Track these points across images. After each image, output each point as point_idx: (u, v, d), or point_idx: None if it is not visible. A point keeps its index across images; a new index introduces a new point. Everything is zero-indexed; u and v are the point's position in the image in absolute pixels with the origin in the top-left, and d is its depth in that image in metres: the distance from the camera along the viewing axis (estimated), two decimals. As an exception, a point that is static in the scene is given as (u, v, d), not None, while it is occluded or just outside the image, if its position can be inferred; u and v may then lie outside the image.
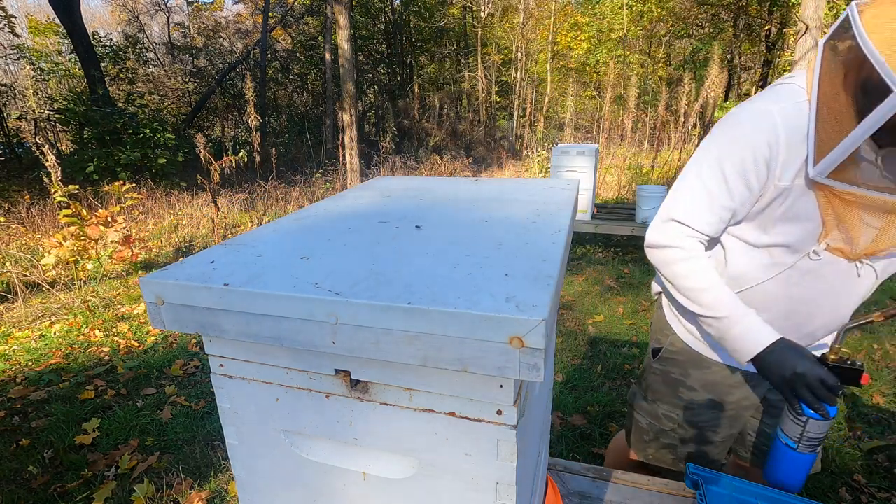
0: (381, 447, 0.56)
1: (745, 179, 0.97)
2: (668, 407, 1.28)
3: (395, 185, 0.99)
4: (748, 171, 0.96)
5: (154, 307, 0.54)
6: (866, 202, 0.90)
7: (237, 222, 6.58)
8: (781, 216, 0.98)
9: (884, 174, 0.88)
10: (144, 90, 13.27)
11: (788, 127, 0.91)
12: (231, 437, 0.64)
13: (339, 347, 0.48)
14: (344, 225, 0.71)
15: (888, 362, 2.79)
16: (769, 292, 1.05)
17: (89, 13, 27.51)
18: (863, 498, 1.84)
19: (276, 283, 0.50)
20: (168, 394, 2.67)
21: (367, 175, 9.43)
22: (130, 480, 2.04)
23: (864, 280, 1.02)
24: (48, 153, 4.04)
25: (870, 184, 0.88)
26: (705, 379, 1.21)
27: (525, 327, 0.41)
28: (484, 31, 17.37)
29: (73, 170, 7.61)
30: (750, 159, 0.95)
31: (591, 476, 1.18)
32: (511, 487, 0.51)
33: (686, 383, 1.24)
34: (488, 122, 17.60)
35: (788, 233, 0.98)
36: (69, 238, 4.10)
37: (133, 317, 3.73)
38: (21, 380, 2.84)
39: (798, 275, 1.02)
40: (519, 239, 0.61)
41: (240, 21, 17.55)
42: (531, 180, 0.99)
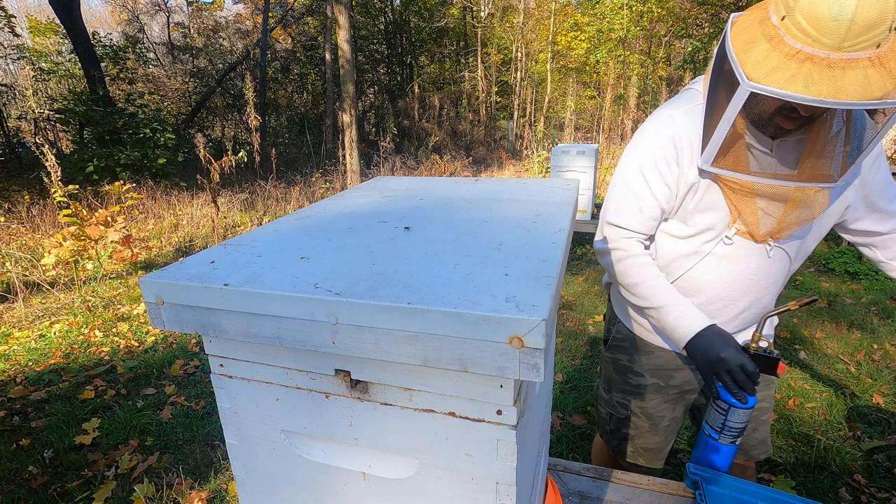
0: (381, 447, 0.56)
1: (662, 177, 1.08)
2: (620, 395, 1.36)
3: (395, 185, 0.99)
4: (662, 170, 1.07)
5: (154, 307, 0.54)
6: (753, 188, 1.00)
7: (237, 222, 6.58)
8: (695, 208, 1.09)
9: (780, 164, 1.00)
10: (144, 90, 13.28)
11: (688, 127, 1.04)
12: (231, 437, 0.64)
13: (339, 347, 0.48)
14: (344, 225, 0.71)
15: (888, 362, 2.79)
16: (695, 278, 1.15)
17: (89, 13, 27.54)
18: (863, 498, 1.84)
19: (276, 283, 0.50)
20: (168, 394, 2.67)
21: (367, 175, 9.44)
22: (130, 480, 2.04)
23: (776, 262, 1.11)
24: (48, 153, 4.04)
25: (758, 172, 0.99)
26: (650, 363, 1.30)
27: (525, 327, 0.41)
28: (484, 31, 17.36)
29: (73, 170, 7.61)
30: (661, 159, 1.07)
31: (591, 476, 1.18)
32: (511, 487, 0.51)
33: (633, 369, 1.33)
34: (488, 122, 17.60)
35: (703, 222, 1.09)
36: (69, 238, 4.10)
37: (133, 317, 3.73)
38: (21, 380, 2.84)
39: (716, 260, 1.11)
40: (519, 239, 0.61)
41: (240, 21, 17.55)
42: (531, 180, 0.99)
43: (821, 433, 2.21)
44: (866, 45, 0.80)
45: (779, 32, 0.85)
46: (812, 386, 2.59)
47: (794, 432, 2.23)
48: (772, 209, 1.03)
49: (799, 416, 2.34)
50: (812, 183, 0.98)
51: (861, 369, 2.73)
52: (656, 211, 1.11)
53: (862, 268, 4.18)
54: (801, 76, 0.82)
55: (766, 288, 1.13)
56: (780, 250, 1.09)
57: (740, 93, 0.87)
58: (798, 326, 3.27)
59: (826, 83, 0.81)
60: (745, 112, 0.98)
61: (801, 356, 2.90)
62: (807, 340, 3.09)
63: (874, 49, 0.80)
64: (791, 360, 2.86)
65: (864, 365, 2.77)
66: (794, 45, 0.83)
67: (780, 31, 0.85)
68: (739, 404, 1.00)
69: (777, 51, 0.84)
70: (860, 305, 3.58)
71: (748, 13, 0.94)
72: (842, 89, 0.81)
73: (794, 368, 2.77)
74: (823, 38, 0.80)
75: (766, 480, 1.95)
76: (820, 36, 0.80)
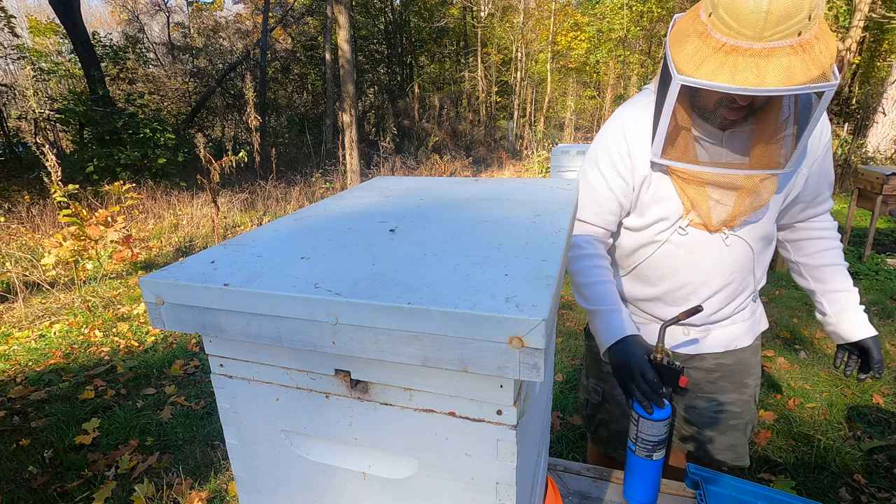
0: (381, 447, 0.56)
1: (617, 171, 1.13)
2: (594, 380, 1.41)
3: (395, 185, 0.99)
4: (616, 164, 1.13)
5: (154, 307, 0.54)
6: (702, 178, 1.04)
7: (237, 222, 6.58)
8: (650, 200, 1.13)
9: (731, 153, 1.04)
10: (144, 90, 13.27)
11: (640, 122, 1.10)
12: (231, 437, 0.64)
13: (339, 347, 0.48)
14: (344, 225, 0.71)
15: (888, 362, 2.79)
16: (656, 267, 1.19)
17: (89, 13, 27.52)
18: (863, 498, 1.84)
19: (276, 283, 0.50)
20: (168, 394, 2.67)
21: (367, 175, 9.44)
22: (130, 480, 2.04)
23: (734, 250, 1.13)
24: (48, 153, 4.04)
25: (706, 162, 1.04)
26: None
27: (525, 327, 0.41)
28: (484, 31, 17.36)
29: (73, 170, 7.61)
30: (615, 153, 1.13)
31: (591, 476, 1.18)
32: (511, 487, 0.51)
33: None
34: (488, 122, 17.60)
35: (658, 213, 1.13)
36: (69, 238, 4.10)
37: (133, 317, 3.73)
38: (21, 380, 2.84)
39: (673, 248, 1.15)
40: (519, 239, 0.61)
41: (240, 21, 17.55)
42: (531, 180, 0.99)
43: (821, 433, 2.21)
44: (787, 34, 0.83)
45: (706, 28, 0.90)
46: (812, 386, 2.59)
47: (794, 432, 2.23)
48: (723, 198, 1.06)
49: (799, 416, 2.34)
50: (759, 170, 1.01)
51: (861, 369, 2.73)
52: (614, 205, 1.16)
53: (862, 268, 4.19)
54: (726, 67, 0.87)
55: (731, 274, 1.15)
56: (737, 238, 1.12)
57: (673, 86, 0.92)
58: (798, 326, 3.27)
59: (750, 72, 0.85)
60: (691, 105, 1.03)
61: (801, 356, 2.90)
62: (807, 340, 3.09)
63: (795, 37, 0.83)
64: (791, 360, 2.86)
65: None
66: (720, 38, 0.88)
67: (707, 26, 0.90)
68: (646, 415, 0.98)
69: (705, 45, 0.89)
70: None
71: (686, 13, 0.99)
72: (765, 77, 0.84)
73: (795, 368, 2.77)
74: (744, 29, 0.84)
75: (766, 480, 1.95)
76: (741, 28, 0.84)
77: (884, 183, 4.19)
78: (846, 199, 6.71)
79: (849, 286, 1.18)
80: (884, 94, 8.92)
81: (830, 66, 0.85)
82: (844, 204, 6.56)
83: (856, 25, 11.23)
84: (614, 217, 1.18)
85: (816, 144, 1.08)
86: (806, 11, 0.81)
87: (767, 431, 2.21)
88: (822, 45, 0.85)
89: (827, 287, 1.20)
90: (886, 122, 8.78)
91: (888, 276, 4.05)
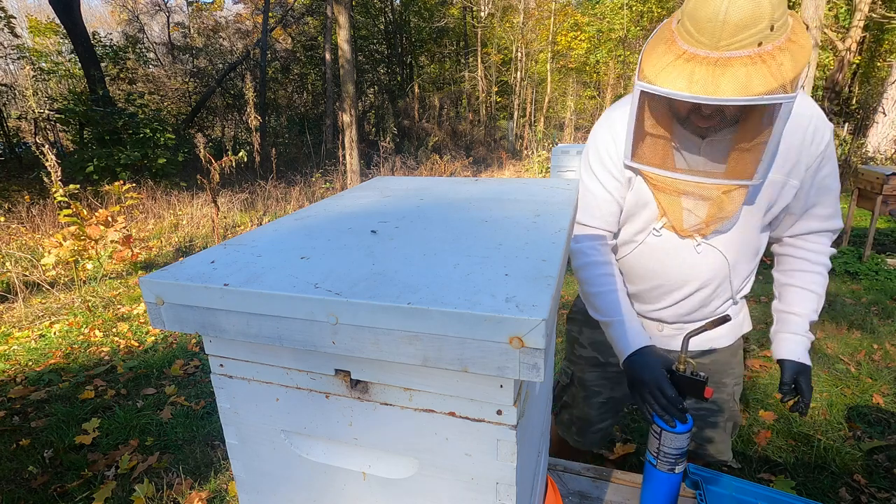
0: (381, 447, 0.56)
1: (610, 172, 1.14)
2: (566, 363, 1.46)
3: (395, 185, 0.99)
4: (608, 165, 1.14)
5: (154, 307, 0.54)
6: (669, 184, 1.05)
7: (237, 222, 6.58)
8: (632, 201, 1.15)
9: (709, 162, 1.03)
10: (144, 90, 13.27)
11: (624, 125, 1.10)
12: (231, 437, 0.64)
13: (339, 347, 0.48)
14: (344, 225, 0.71)
15: (888, 362, 2.79)
16: (633, 265, 1.21)
17: (89, 13, 27.51)
18: (863, 498, 1.84)
19: (276, 283, 0.50)
20: (168, 394, 2.67)
21: (367, 175, 9.44)
22: (130, 480, 2.04)
23: (706, 259, 1.12)
24: (48, 153, 4.04)
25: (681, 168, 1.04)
26: (594, 338, 1.36)
27: (525, 327, 0.41)
28: (484, 31, 17.35)
29: (74, 170, 7.61)
30: (605, 154, 1.13)
31: (591, 476, 1.18)
32: (511, 487, 0.51)
33: (580, 340, 1.41)
34: (488, 122, 17.59)
35: (638, 214, 1.15)
36: (69, 238, 4.10)
37: (133, 317, 3.73)
38: (21, 380, 2.84)
39: (649, 250, 1.16)
40: (519, 239, 0.61)
41: (240, 21, 17.54)
42: (531, 180, 0.99)
43: (821, 433, 2.21)
44: (745, 44, 0.83)
45: (673, 35, 0.91)
46: (812, 386, 2.59)
47: (794, 432, 2.23)
48: (693, 206, 1.06)
49: (799, 416, 2.34)
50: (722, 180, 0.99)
51: (861, 369, 2.73)
52: (612, 205, 1.17)
53: (862, 268, 4.18)
54: (684, 74, 0.87)
55: (705, 281, 1.14)
56: (709, 246, 1.10)
57: (635, 91, 0.95)
58: (798, 326, 3.27)
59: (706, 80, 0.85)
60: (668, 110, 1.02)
61: (801, 356, 2.90)
62: (807, 340, 3.09)
63: (755, 47, 0.83)
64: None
65: (864, 365, 2.77)
66: (682, 46, 0.89)
67: (674, 34, 0.91)
68: (669, 428, 0.97)
69: (670, 52, 0.91)
70: (860, 305, 3.58)
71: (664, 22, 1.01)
72: (721, 86, 0.84)
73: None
74: (703, 38, 0.85)
75: (766, 480, 1.95)
76: (700, 36, 0.85)
77: (884, 183, 4.19)
78: (846, 199, 6.72)
79: (803, 311, 1.15)
80: (884, 94, 8.92)
81: (792, 80, 0.83)
82: (844, 204, 6.56)
83: (856, 25, 11.23)
84: (615, 218, 1.18)
85: (807, 154, 1.03)
86: (766, 22, 0.81)
87: (767, 431, 2.21)
88: (786, 56, 0.84)
89: (782, 306, 1.18)
90: (886, 122, 8.78)
91: (888, 276, 4.04)
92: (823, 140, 1.03)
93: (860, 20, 11.08)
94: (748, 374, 2.71)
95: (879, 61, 15.74)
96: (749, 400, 2.47)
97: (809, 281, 1.16)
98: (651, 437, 1.01)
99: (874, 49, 15.77)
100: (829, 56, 13.11)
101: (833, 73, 12.37)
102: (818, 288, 1.16)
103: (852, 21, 11.40)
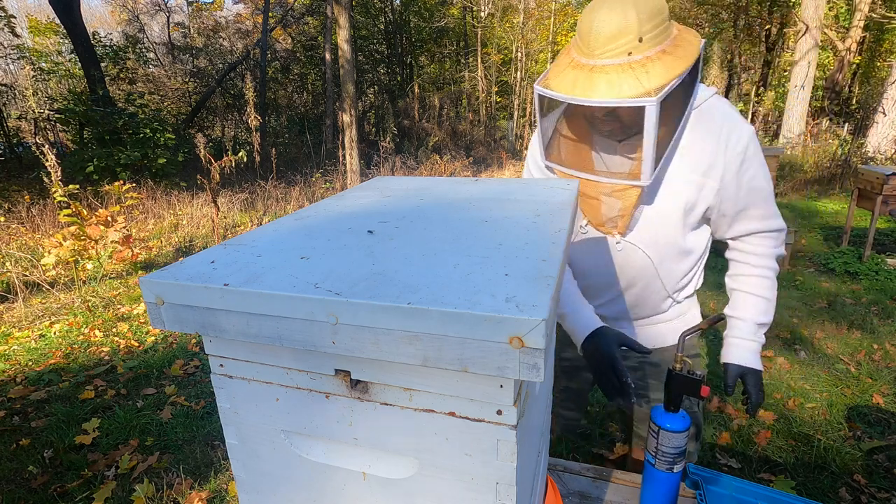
0: (381, 447, 0.56)
1: (541, 169, 1.22)
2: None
3: (395, 185, 0.99)
4: (538, 161, 1.20)
5: (154, 307, 0.54)
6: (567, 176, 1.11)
7: (237, 222, 6.58)
8: None
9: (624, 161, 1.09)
10: (144, 90, 13.27)
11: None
12: (231, 437, 0.64)
13: (339, 347, 0.48)
14: (344, 225, 0.71)
15: (888, 362, 2.79)
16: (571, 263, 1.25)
17: (89, 13, 27.51)
18: (863, 498, 1.84)
19: (276, 283, 0.50)
20: (168, 394, 2.67)
21: (367, 175, 9.44)
22: (130, 480, 2.04)
23: (628, 257, 1.16)
24: (48, 153, 4.04)
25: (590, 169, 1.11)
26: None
27: (525, 327, 0.41)
28: (484, 31, 17.35)
29: (73, 170, 7.61)
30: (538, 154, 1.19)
31: (591, 476, 1.18)
32: (511, 487, 0.51)
33: None
34: (488, 122, 17.59)
35: None
36: (69, 238, 4.10)
37: (133, 317, 3.74)
38: (21, 380, 2.84)
39: (580, 248, 1.21)
40: (519, 239, 0.61)
41: (240, 21, 17.54)
42: (531, 180, 0.99)
43: (821, 433, 2.21)
44: (617, 53, 0.94)
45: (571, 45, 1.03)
46: (812, 386, 2.59)
47: (794, 432, 2.23)
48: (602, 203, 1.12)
49: (799, 416, 2.34)
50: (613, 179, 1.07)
51: (861, 369, 2.73)
52: None
53: (862, 268, 4.19)
54: (568, 79, 0.98)
55: (632, 279, 1.18)
56: (630, 244, 1.14)
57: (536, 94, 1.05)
58: (798, 326, 3.27)
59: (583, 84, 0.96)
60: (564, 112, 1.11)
61: (801, 356, 2.90)
62: (807, 340, 3.09)
63: (626, 56, 0.94)
64: (791, 360, 2.86)
65: (864, 365, 2.77)
66: (573, 54, 1.01)
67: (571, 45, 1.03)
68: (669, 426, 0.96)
69: (565, 59, 1.03)
70: (860, 305, 3.58)
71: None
72: (594, 89, 0.94)
73: (794, 368, 2.77)
74: (584, 47, 0.96)
75: (766, 480, 1.95)
76: (583, 45, 0.97)
77: (884, 183, 4.19)
78: (846, 199, 6.72)
79: (748, 315, 1.17)
80: (884, 94, 8.92)
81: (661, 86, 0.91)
82: (844, 204, 6.56)
83: (856, 25, 11.24)
84: None
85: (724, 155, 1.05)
86: (634, 34, 0.92)
87: (767, 431, 2.21)
88: (659, 65, 0.93)
89: (730, 311, 1.21)
90: (886, 122, 8.78)
91: (888, 276, 4.05)
92: (740, 142, 1.05)
93: (860, 20, 11.08)
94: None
95: (879, 61, 15.74)
96: (749, 400, 2.47)
97: (754, 285, 1.17)
98: (649, 437, 1.01)
99: (874, 49, 15.78)
100: (830, 56, 13.11)
101: (833, 73, 12.37)
102: (764, 291, 1.17)
103: (852, 21, 11.40)
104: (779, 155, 4.37)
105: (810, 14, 9.80)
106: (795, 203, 7.07)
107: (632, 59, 0.93)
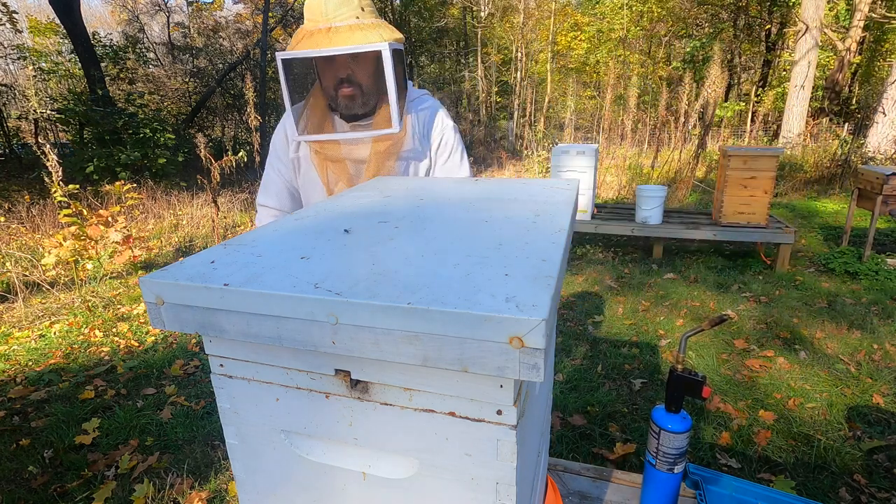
0: (381, 447, 0.56)
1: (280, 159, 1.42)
2: None
3: (395, 185, 0.99)
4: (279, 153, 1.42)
5: (154, 307, 0.54)
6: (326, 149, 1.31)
7: (237, 222, 6.58)
8: (302, 183, 1.42)
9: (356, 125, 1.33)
10: (144, 90, 13.27)
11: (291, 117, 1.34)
12: (231, 437, 0.64)
13: (339, 347, 0.48)
14: (344, 225, 0.71)
15: (888, 362, 2.79)
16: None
17: (89, 13, 27.47)
18: (863, 498, 1.84)
19: (276, 283, 0.50)
20: (168, 394, 2.67)
21: (367, 175, 9.41)
22: (130, 480, 2.04)
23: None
24: (49, 153, 4.04)
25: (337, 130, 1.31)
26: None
27: (525, 327, 0.41)
28: (484, 31, 17.35)
29: (74, 170, 7.61)
30: (279, 144, 1.42)
31: (591, 476, 1.18)
32: (511, 487, 0.51)
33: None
34: (488, 122, 17.59)
35: (313, 193, 1.40)
36: (69, 238, 4.10)
37: (133, 317, 3.73)
38: (21, 380, 2.84)
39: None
40: (519, 239, 0.61)
41: (240, 21, 17.53)
42: (531, 180, 0.99)
43: (821, 433, 2.21)
44: (348, 16, 1.20)
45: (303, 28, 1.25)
46: (812, 386, 2.59)
47: (794, 432, 2.23)
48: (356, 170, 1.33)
49: (799, 416, 2.34)
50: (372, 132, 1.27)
51: (861, 369, 2.72)
52: (282, 189, 1.45)
53: (862, 268, 4.18)
54: (306, 42, 1.21)
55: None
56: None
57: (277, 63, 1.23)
58: (798, 326, 3.27)
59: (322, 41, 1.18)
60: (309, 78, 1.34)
61: (801, 356, 2.90)
62: (807, 340, 3.09)
63: (355, 19, 1.20)
64: (791, 360, 2.86)
65: (864, 365, 2.77)
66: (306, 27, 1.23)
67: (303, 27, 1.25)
68: (670, 427, 0.97)
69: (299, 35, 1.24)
70: (860, 305, 3.58)
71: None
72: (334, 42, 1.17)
73: (794, 368, 2.77)
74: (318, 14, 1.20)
75: (766, 480, 1.95)
76: (314, 17, 1.21)
77: (884, 183, 4.19)
78: (846, 199, 6.71)
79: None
80: (884, 94, 8.92)
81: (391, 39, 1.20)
82: (844, 204, 6.56)
83: (856, 25, 11.24)
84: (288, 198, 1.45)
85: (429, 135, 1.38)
86: (357, 3, 1.20)
87: (767, 431, 2.21)
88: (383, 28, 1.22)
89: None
90: (886, 122, 8.78)
91: (888, 276, 4.04)
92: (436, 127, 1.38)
93: (860, 20, 11.08)
94: (748, 374, 2.71)
95: (879, 61, 15.75)
96: (749, 400, 2.47)
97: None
98: (650, 437, 1.01)
99: (874, 49, 15.78)
100: (830, 56, 13.11)
101: (833, 73, 12.37)
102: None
103: (852, 21, 11.40)
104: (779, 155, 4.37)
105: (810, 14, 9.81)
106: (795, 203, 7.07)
107: (361, 22, 1.19)
